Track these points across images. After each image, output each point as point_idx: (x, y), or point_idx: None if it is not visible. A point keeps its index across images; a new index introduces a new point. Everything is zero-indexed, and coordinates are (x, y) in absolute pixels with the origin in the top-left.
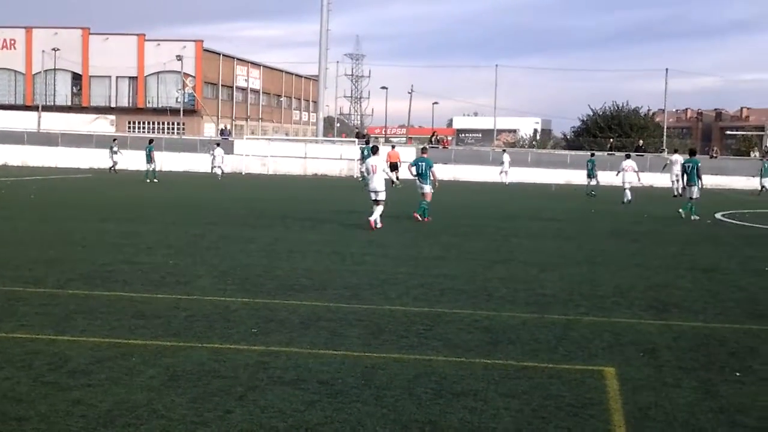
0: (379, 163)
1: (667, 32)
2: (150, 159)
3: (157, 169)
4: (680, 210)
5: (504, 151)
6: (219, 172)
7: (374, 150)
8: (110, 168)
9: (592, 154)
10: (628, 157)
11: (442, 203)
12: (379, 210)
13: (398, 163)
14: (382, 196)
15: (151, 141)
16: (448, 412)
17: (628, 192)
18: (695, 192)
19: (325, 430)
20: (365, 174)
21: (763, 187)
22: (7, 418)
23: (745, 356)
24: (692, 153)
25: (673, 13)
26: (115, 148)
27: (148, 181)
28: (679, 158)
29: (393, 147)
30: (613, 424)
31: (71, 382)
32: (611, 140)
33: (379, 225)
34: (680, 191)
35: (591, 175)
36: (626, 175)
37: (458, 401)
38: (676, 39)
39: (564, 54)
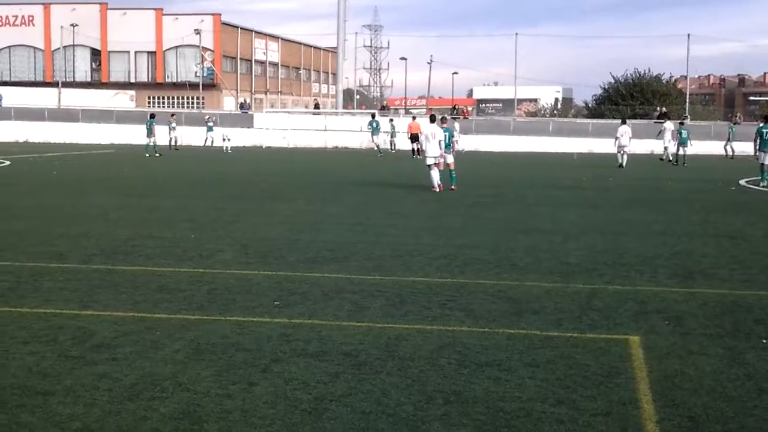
0: (436, 131)
1: None
2: (150, 133)
3: (158, 144)
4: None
5: (454, 119)
6: (228, 145)
7: (432, 119)
8: (170, 145)
9: (682, 123)
10: (623, 122)
11: (464, 174)
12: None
13: (419, 135)
14: (444, 159)
15: (152, 115)
16: (473, 382)
17: (623, 157)
18: None
19: (350, 401)
20: (379, 145)
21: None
22: (33, 392)
23: None
24: (767, 119)
25: None
26: (173, 125)
27: (147, 155)
28: (670, 125)
29: (414, 118)
30: (639, 393)
31: (96, 357)
32: (661, 107)
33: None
34: (671, 157)
35: (684, 143)
36: (622, 140)
37: (482, 371)
38: (698, 4)
39: (584, 21)
